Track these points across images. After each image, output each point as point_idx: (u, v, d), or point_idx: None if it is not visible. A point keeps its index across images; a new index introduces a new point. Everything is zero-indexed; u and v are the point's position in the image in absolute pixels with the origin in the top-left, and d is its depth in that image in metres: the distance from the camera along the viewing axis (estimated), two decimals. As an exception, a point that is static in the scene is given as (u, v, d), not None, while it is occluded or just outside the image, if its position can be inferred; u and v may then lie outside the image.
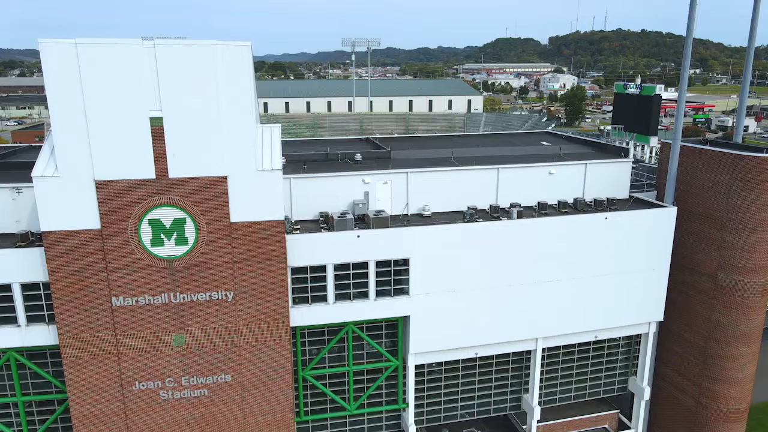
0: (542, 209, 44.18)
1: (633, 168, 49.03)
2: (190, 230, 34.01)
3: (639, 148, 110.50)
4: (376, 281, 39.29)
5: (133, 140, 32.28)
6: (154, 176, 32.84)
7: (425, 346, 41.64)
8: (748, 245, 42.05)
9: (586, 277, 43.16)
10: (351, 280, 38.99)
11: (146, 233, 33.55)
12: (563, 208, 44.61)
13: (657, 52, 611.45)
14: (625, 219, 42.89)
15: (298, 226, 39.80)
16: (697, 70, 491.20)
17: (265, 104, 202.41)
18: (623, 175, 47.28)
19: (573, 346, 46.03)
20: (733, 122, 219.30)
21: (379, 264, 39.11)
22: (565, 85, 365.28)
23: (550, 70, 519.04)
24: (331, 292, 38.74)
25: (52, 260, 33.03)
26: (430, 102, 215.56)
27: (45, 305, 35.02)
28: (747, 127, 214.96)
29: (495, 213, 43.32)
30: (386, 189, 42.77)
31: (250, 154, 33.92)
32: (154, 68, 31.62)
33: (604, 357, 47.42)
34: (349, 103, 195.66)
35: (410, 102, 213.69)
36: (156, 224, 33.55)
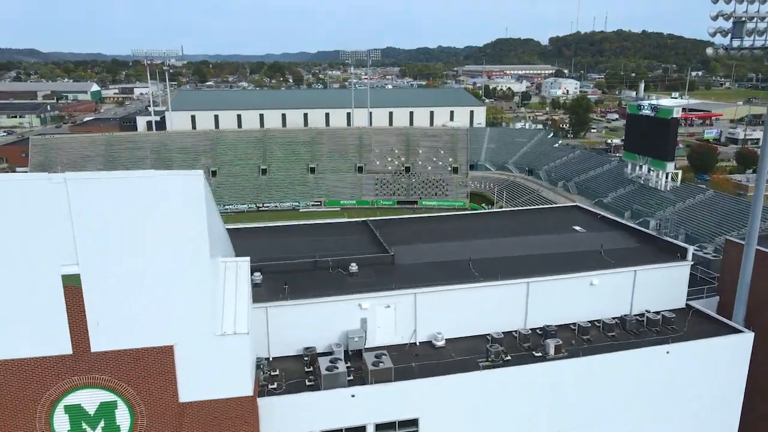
0: (583, 333, 35.40)
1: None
2: (123, 416, 25.05)
3: (653, 174, 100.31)
4: (376, 448, 30.51)
5: (40, 306, 23.32)
6: (70, 351, 23.90)
7: None
8: None
9: (638, 418, 34.44)
10: (343, 448, 30.19)
11: (62, 424, 24.59)
12: (608, 331, 35.86)
13: (658, 54, 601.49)
14: (689, 350, 34.17)
15: (276, 372, 30.96)
16: (699, 73, 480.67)
17: (261, 116, 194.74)
18: (680, 283, 38.45)
19: (620, 499, 37.22)
20: (745, 135, 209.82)
21: (379, 426, 30.33)
22: (567, 90, 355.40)
23: (550, 72, 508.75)
24: (317, 465, 29.93)
25: (-68, 463, 24.18)
26: (432, 113, 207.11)
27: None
28: (757, 140, 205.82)
29: (524, 342, 34.47)
30: (389, 314, 33.90)
31: (206, 313, 24.98)
32: (66, 211, 22.65)
33: (656, 507, 38.62)
34: (348, 114, 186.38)
35: (411, 114, 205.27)
36: (75, 411, 24.59)
